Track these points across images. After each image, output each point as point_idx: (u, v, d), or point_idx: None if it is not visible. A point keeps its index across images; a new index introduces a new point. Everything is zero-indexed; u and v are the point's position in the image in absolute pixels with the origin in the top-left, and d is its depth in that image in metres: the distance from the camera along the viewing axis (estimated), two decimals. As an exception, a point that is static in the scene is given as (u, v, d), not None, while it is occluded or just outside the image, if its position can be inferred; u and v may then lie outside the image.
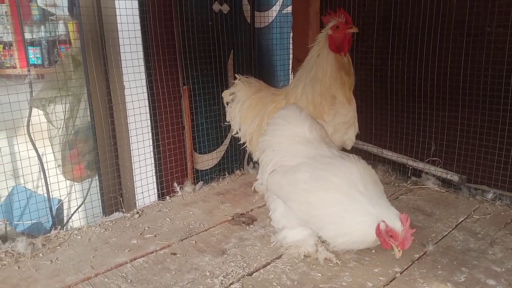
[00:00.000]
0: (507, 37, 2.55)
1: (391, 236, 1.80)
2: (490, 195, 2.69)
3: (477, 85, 2.71)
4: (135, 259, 2.13)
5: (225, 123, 3.04)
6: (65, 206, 3.19)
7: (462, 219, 2.49)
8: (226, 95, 2.91)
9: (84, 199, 2.89)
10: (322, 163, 2.00)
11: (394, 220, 1.80)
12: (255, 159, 2.91)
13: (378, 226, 1.81)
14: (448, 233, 2.33)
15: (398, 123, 3.13)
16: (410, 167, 3.08)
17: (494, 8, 2.58)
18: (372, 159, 3.30)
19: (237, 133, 2.89)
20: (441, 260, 2.08)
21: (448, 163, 2.93)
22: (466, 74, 2.74)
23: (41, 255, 2.19)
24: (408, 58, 2.99)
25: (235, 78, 2.91)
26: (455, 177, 2.88)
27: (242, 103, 2.83)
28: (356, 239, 1.89)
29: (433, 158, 2.98)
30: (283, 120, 2.23)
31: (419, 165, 3.04)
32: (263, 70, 3.60)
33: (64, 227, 2.71)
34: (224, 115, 3.03)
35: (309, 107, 2.56)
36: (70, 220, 2.95)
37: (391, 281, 1.93)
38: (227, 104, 2.92)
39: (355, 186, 1.89)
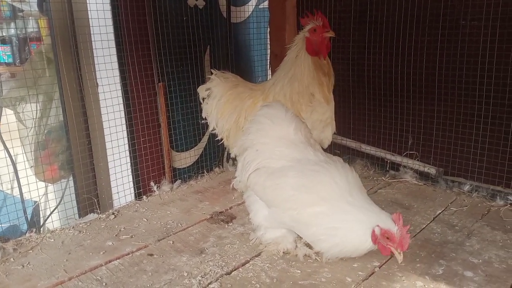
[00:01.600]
0: (481, 30, 2.57)
1: (387, 238, 1.80)
2: (466, 187, 2.72)
3: (452, 78, 2.74)
4: (110, 261, 2.08)
5: (202, 121, 2.99)
6: (40, 208, 3.11)
7: (440, 211, 2.51)
8: (201, 91, 2.86)
9: (60, 201, 2.81)
10: (309, 170, 1.99)
11: (388, 222, 1.81)
12: (232, 155, 2.88)
13: (373, 232, 1.81)
14: (426, 225, 2.35)
15: (376, 117, 3.14)
16: (388, 161, 3.10)
17: (468, 2, 2.60)
18: (350, 154, 3.31)
19: (214, 129, 2.85)
20: (419, 253, 2.09)
21: (425, 156, 2.95)
22: (442, 67, 2.77)
23: (12, 259, 2.12)
24: (384, 52, 3.00)
25: (211, 74, 2.86)
26: (432, 170, 2.91)
27: (218, 99, 2.78)
28: (350, 248, 1.90)
29: (411, 152, 3.00)
30: (268, 119, 2.18)
31: (397, 158, 3.06)
32: (241, 66, 3.56)
33: (38, 230, 2.63)
34: (201, 112, 2.98)
35: (287, 103, 2.54)
36: (45, 223, 2.87)
37: (370, 276, 1.93)
38: (203, 100, 2.87)
39: (343, 195, 1.89)
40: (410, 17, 2.83)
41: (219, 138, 2.86)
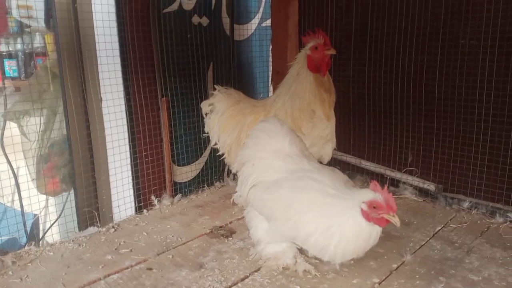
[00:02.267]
0: (480, 49, 2.61)
1: (375, 207, 1.77)
2: (466, 204, 2.72)
3: (452, 96, 2.76)
4: (109, 275, 2.08)
5: (204, 135, 3.02)
6: (40, 221, 3.11)
7: (439, 228, 2.50)
8: (205, 106, 2.90)
9: (60, 214, 2.82)
10: (301, 179, 2.00)
11: (368, 194, 1.81)
12: (233, 171, 2.89)
13: (362, 210, 1.79)
14: (426, 242, 2.34)
15: (376, 134, 3.16)
16: (388, 177, 3.10)
17: (468, 21, 2.64)
18: (350, 169, 3.32)
19: (215, 144, 2.87)
20: (419, 270, 2.08)
21: (425, 172, 2.96)
22: (441, 86, 2.80)
23: (10, 273, 2.11)
24: (384, 70, 3.04)
25: (214, 89, 2.90)
26: (431, 187, 2.91)
27: (221, 114, 2.82)
28: (353, 239, 1.82)
29: (410, 168, 3.01)
30: (264, 133, 2.22)
31: (397, 175, 3.07)
32: (243, 82, 3.60)
33: (38, 243, 2.63)
34: (204, 127, 3.02)
35: (287, 119, 2.57)
36: (45, 236, 2.87)
37: (369, 292, 1.92)
38: (206, 115, 2.90)
39: (326, 191, 1.90)
40: (410, 36, 2.88)
41: (220, 153, 2.88)
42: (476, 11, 2.60)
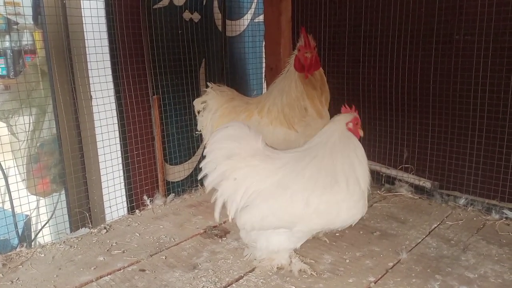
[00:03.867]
0: (475, 44, 2.59)
1: (357, 123, 1.97)
2: (462, 201, 2.71)
3: (447, 92, 2.75)
4: (101, 277, 2.04)
5: (196, 133, 2.98)
6: (32, 222, 3.06)
7: (435, 225, 2.49)
8: (197, 104, 2.85)
9: (52, 215, 2.77)
10: (296, 166, 1.92)
11: (347, 117, 1.97)
12: None
13: (350, 129, 1.95)
14: (422, 240, 2.33)
15: (371, 131, 3.13)
16: (384, 175, 3.09)
17: (462, 16, 2.62)
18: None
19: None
20: (415, 268, 2.06)
21: (421, 169, 2.95)
22: (436, 81, 2.78)
23: (1, 275, 2.07)
24: (379, 66, 3.01)
25: (207, 87, 2.86)
26: (427, 184, 2.90)
27: (214, 112, 2.77)
28: (358, 165, 1.91)
29: (406, 165, 2.99)
30: (233, 141, 2.01)
31: (392, 172, 3.05)
32: (236, 79, 3.57)
33: (29, 245, 2.59)
34: (196, 125, 2.97)
35: (280, 116, 2.55)
36: (36, 237, 2.83)
37: (365, 292, 1.90)
38: (198, 112, 2.86)
39: (323, 158, 1.92)
40: (405, 32, 2.85)
41: None
42: (470, 6, 2.58)
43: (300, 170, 1.90)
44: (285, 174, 1.92)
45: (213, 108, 2.78)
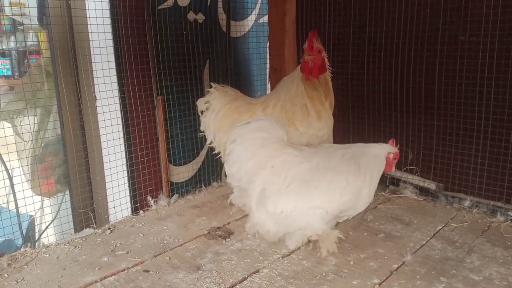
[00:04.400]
0: (480, 45, 2.57)
1: (394, 158, 2.22)
2: (467, 203, 2.70)
3: (452, 93, 2.73)
4: (105, 277, 2.04)
5: (200, 133, 2.98)
6: (36, 222, 3.07)
7: (440, 227, 2.48)
8: (200, 104, 2.86)
9: (56, 215, 2.78)
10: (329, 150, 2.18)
11: (392, 148, 2.23)
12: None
13: (388, 159, 2.21)
14: (426, 242, 2.32)
15: (375, 132, 3.12)
16: (388, 176, 3.07)
17: (467, 18, 2.61)
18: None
19: (211, 142, 2.84)
20: (419, 270, 2.06)
21: (425, 171, 2.94)
22: (441, 83, 2.77)
23: (6, 275, 2.08)
24: (383, 67, 3.00)
25: (210, 87, 2.87)
26: (432, 185, 2.89)
27: (217, 112, 2.78)
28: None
29: (411, 167, 2.98)
30: (265, 132, 2.14)
31: (397, 173, 3.04)
32: (240, 80, 3.57)
33: (34, 245, 2.59)
34: (200, 125, 2.98)
35: (282, 114, 2.57)
36: (40, 238, 2.83)
37: (369, 294, 1.90)
38: (202, 113, 2.86)
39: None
40: (409, 33, 2.84)
41: (216, 152, 2.84)
42: (475, 7, 2.56)
43: (333, 159, 2.11)
44: (321, 160, 2.09)
45: (216, 108, 2.78)
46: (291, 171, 2.08)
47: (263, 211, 2.12)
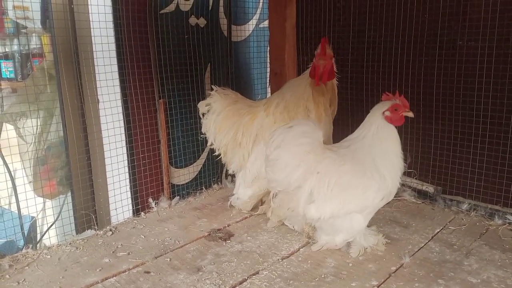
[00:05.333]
0: (478, 50, 2.60)
1: (396, 110, 2.17)
2: (465, 206, 2.72)
3: (450, 97, 2.76)
4: (106, 278, 2.06)
5: (202, 135, 3.01)
6: (38, 224, 3.09)
7: (438, 230, 2.50)
8: (201, 106, 2.89)
9: (57, 217, 2.80)
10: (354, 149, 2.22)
11: (386, 103, 2.21)
12: (230, 171, 2.90)
13: (386, 117, 2.19)
14: (425, 244, 2.34)
15: (374, 136, 3.14)
16: (387, 179, 3.09)
17: (466, 22, 2.64)
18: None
19: (212, 144, 2.87)
20: (417, 272, 2.07)
21: (424, 174, 2.96)
22: (439, 87, 2.79)
23: (7, 276, 2.10)
24: (382, 71, 3.03)
25: (212, 90, 2.90)
26: (430, 189, 2.91)
27: (217, 114, 2.81)
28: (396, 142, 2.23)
29: (409, 170, 3.00)
30: (309, 137, 2.14)
31: (396, 177, 3.05)
32: (241, 84, 3.59)
33: (35, 246, 2.61)
34: (201, 128, 3.01)
35: (284, 114, 2.61)
36: (42, 239, 2.85)
37: (368, 295, 1.91)
38: (203, 115, 2.89)
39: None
40: (408, 37, 2.87)
41: (217, 153, 2.87)
42: (474, 12, 2.60)
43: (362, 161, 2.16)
44: (354, 163, 2.14)
45: (216, 111, 2.82)
46: (333, 177, 2.11)
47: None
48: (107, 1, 2.68)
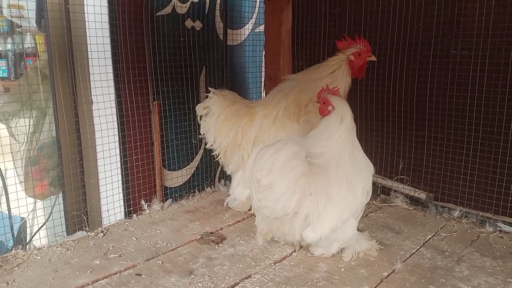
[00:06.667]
0: (471, 59, 2.63)
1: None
2: (456, 213, 2.74)
3: (443, 105, 2.79)
4: (97, 280, 2.04)
5: (200, 136, 3.00)
6: (28, 224, 3.06)
7: (430, 236, 2.51)
8: (200, 109, 2.89)
9: (48, 218, 2.77)
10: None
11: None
12: (228, 172, 2.92)
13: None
14: (416, 250, 2.35)
15: (367, 142, 3.16)
16: (379, 185, 3.11)
17: (459, 31, 2.67)
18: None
19: (212, 145, 2.87)
20: (409, 278, 2.08)
21: (416, 181, 2.98)
22: (432, 95, 2.82)
23: (-4, 276, 2.07)
24: (376, 78, 3.05)
25: (208, 92, 2.89)
26: (422, 195, 2.93)
27: (217, 116, 2.82)
28: None
29: (401, 176, 3.02)
30: (299, 158, 2.06)
31: (388, 183, 3.08)
32: (235, 87, 3.59)
33: (25, 247, 2.58)
34: (195, 131, 3.01)
35: (290, 106, 2.67)
36: (32, 240, 2.82)
37: (360, 301, 1.92)
38: (201, 117, 2.89)
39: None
40: (402, 45, 2.90)
41: (216, 154, 2.88)
42: (467, 21, 2.63)
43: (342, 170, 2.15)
44: (338, 173, 2.13)
45: (216, 112, 2.83)
46: (323, 194, 2.08)
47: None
48: (103, 2, 2.68)
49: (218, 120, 2.80)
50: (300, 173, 2.05)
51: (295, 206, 2.05)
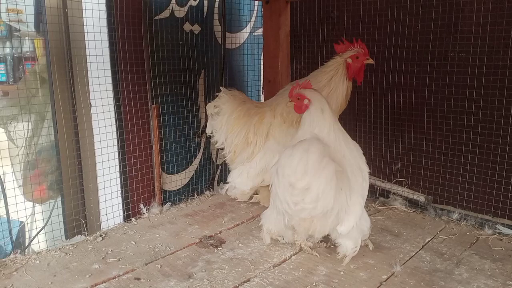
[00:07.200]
0: (469, 62, 2.64)
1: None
2: (455, 216, 2.74)
3: (441, 107, 2.79)
4: (96, 285, 2.04)
5: (208, 134, 3.01)
6: (26, 228, 3.06)
7: (429, 239, 2.51)
8: (210, 108, 2.91)
9: (47, 222, 2.77)
10: None
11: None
12: (231, 167, 2.96)
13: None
14: (415, 253, 2.35)
15: (366, 145, 3.16)
16: (378, 188, 3.11)
17: (457, 34, 2.68)
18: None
19: (222, 143, 2.91)
20: (408, 281, 2.08)
21: (415, 183, 2.98)
22: (431, 97, 2.83)
23: (-5, 281, 2.07)
24: (374, 81, 3.06)
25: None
26: (421, 198, 2.93)
27: (229, 115, 2.86)
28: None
29: (400, 179, 3.02)
30: (328, 156, 2.04)
31: (387, 185, 3.08)
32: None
33: (24, 251, 2.58)
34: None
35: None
36: (30, 244, 2.82)
37: (359, 304, 1.91)
38: (211, 116, 2.91)
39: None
40: (400, 48, 2.91)
41: (225, 152, 2.93)
42: (465, 24, 2.64)
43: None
44: (346, 160, 2.19)
45: (227, 112, 2.86)
46: (347, 186, 2.12)
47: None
48: (102, 6, 2.69)
49: (230, 118, 2.84)
50: (332, 169, 2.01)
51: (334, 202, 2.05)
